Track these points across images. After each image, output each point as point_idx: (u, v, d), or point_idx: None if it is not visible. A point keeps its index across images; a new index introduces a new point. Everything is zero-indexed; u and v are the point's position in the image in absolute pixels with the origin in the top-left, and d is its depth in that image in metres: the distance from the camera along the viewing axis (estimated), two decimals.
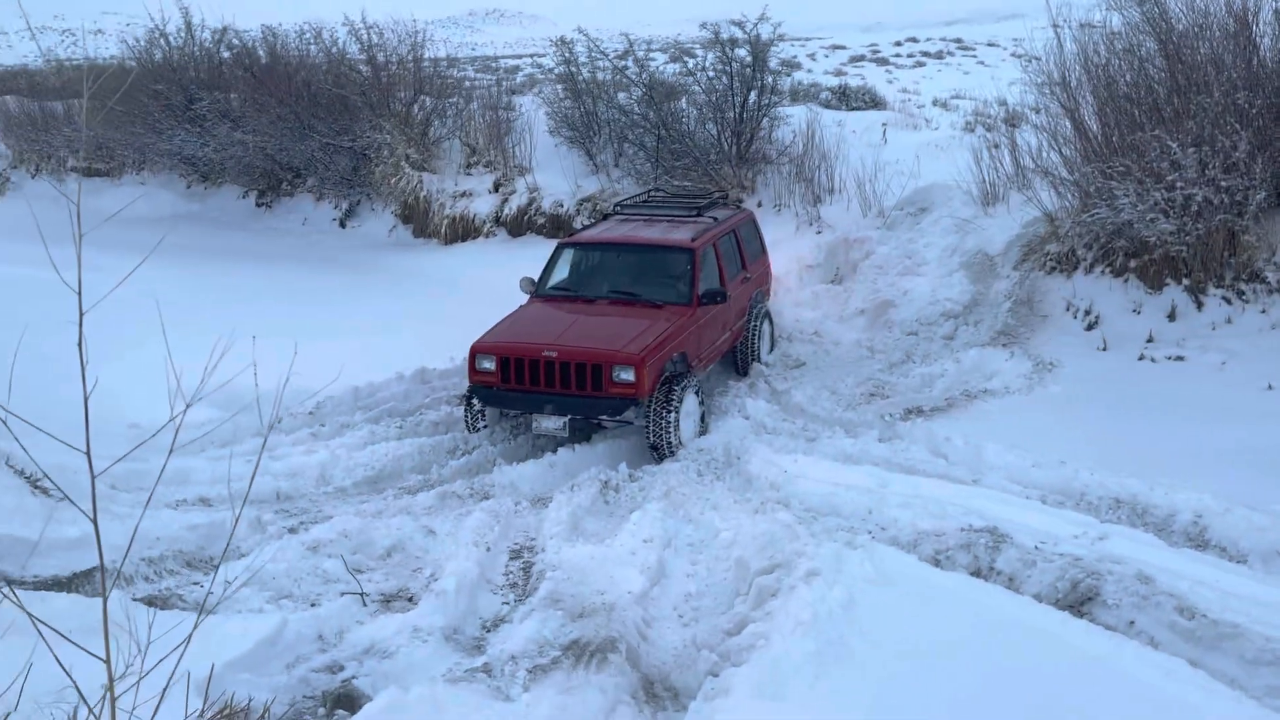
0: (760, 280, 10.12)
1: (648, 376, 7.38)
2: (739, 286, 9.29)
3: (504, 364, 7.60)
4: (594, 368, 7.39)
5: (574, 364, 7.42)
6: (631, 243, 8.98)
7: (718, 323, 8.75)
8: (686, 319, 8.14)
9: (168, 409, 7.78)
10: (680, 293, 8.41)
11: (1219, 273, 8.94)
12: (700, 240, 8.74)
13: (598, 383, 7.41)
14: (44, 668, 3.11)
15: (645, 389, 7.38)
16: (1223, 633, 4.58)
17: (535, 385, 7.54)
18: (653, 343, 7.59)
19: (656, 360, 7.54)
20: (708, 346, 8.59)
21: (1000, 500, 6.17)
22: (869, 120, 15.73)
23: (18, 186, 20.49)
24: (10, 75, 28.69)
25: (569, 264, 9.09)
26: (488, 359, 7.69)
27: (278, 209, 18.01)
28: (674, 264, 8.64)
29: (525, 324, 8.09)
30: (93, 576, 5.33)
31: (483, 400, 7.80)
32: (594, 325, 8.01)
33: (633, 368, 7.33)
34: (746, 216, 10.27)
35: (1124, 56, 9.83)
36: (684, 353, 7.99)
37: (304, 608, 5.28)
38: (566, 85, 16.34)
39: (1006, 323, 9.53)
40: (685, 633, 5.18)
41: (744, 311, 9.45)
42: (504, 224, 15.32)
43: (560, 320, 8.07)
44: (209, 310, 8.45)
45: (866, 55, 39.28)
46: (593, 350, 7.48)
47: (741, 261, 9.54)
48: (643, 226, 9.38)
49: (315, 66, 17.75)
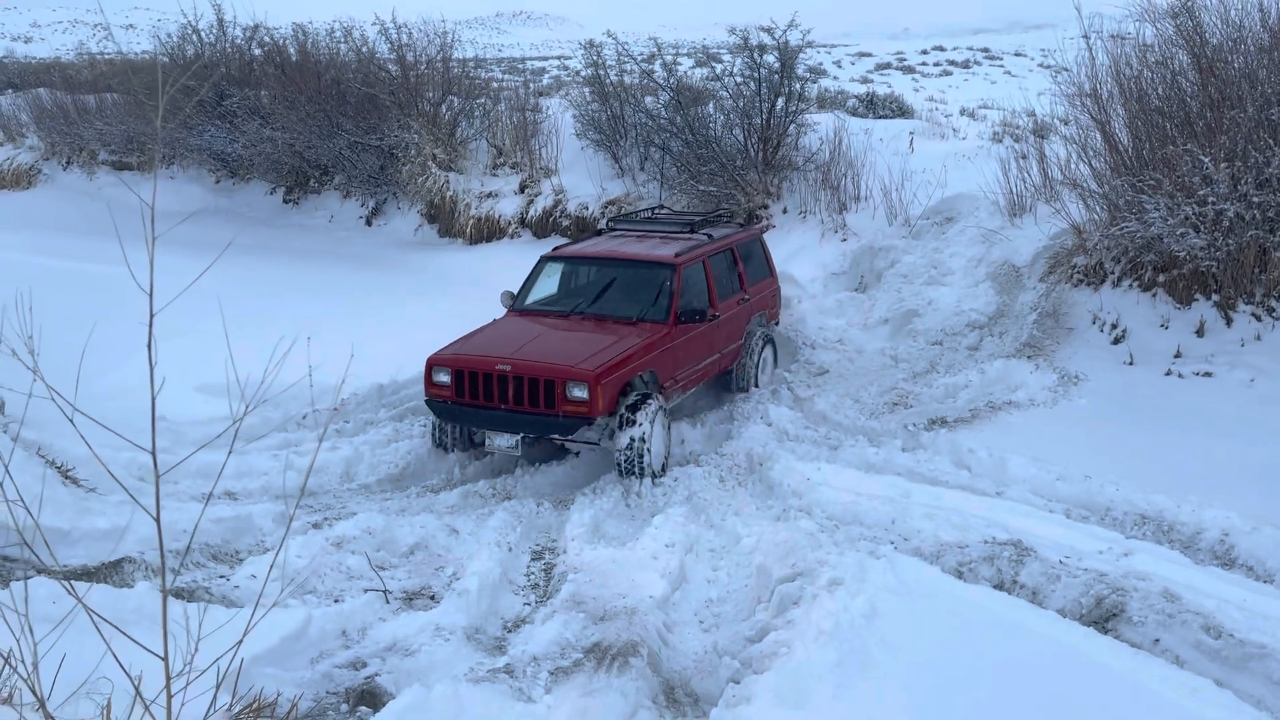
0: (763, 303, 9.70)
1: (602, 395, 7.00)
2: (734, 308, 8.94)
3: (459, 378, 7.28)
4: (547, 384, 7.04)
5: (527, 379, 7.09)
6: (612, 257, 8.64)
7: (701, 344, 8.38)
8: (660, 338, 7.78)
9: (194, 403, 7.86)
10: (657, 310, 8.03)
11: (1249, 289, 8.86)
12: (685, 256, 8.37)
13: (551, 400, 7.05)
14: (76, 656, 3.15)
15: (599, 408, 7.00)
16: (1249, 653, 4.54)
17: (489, 401, 7.21)
18: (612, 360, 7.22)
19: (615, 379, 7.17)
20: (686, 368, 8.18)
21: (1024, 513, 6.15)
22: (896, 129, 15.68)
23: (49, 178, 20.71)
24: (43, 68, 29.02)
25: (549, 278, 8.84)
26: (443, 372, 7.36)
27: (304, 206, 18.14)
28: (653, 280, 8.26)
29: (487, 337, 7.77)
30: (121, 567, 5.38)
31: (437, 415, 7.50)
32: (557, 341, 7.65)
33: (586, 385, 6.97)
34: (750, 235, 9.83)
35: (1156, 69, 9.75)
36: (653, 372, 7.65)
37: (327, 603, 5.31)
38: (594, 88, 16.38)
39: (1032, 335, 9.48)
40: (706, 638, 5.19)
41: (739, 334, 9.08)
42: (529, 225, 15.37)
43: (524, 335, 7.72)
44: (240, 304, 8.51)
45: (893, 63, 39.20)
46: (546, 366, 7.12)
47: (740, 282, 9.19)
48: (630, 242, 9.04)
49: (345, 65, 17.88)
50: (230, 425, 5.28)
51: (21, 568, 5.02)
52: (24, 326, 2.76)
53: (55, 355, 2.76)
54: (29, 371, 2.71)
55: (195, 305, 4.54)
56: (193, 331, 6.39)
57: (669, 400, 7.97)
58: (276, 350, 3.41)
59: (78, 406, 2.45)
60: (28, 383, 2.85)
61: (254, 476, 7.06)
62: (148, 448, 2.45)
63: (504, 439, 7.31)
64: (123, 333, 5.45)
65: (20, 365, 3.07)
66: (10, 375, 3.22)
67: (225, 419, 7.12)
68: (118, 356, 6.11)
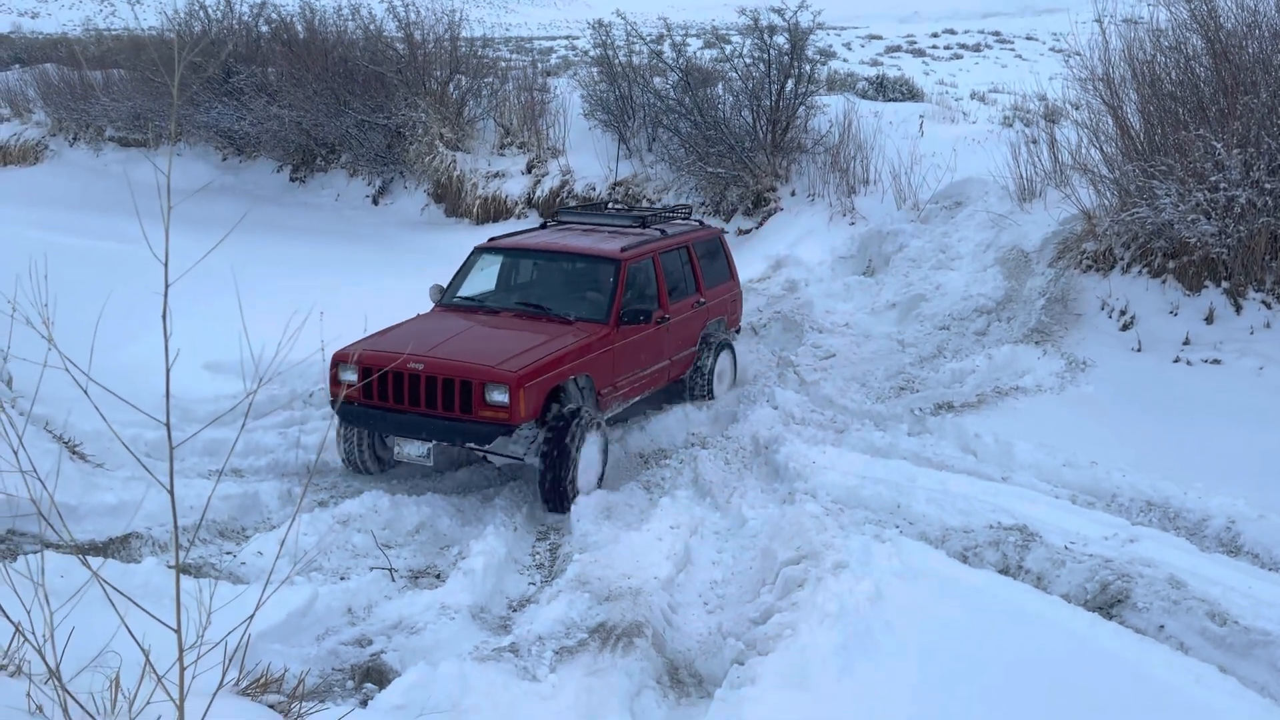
0: (721, 308, 8.96)
1: (525, 400, 6.28)
2: (688, 311, 8.28)
3: (367, 376, 6.49)
4: (463, 385, 6.31)
5: (441, 380, 6.34)
6: (551, 250, 7.95)
7: (648, 348, 7.69)
8: (598, 339, 7.07)
9: (202, 380, 7.87)
10: (597, 308, 7.33)
11: (1259, 276, 8.82)
12: (632, 252, 7.66)
13: (467, 404, 6.32)
14: (84, 630, 3.17)
15: (521, 414, 6.28)
16: (1254, 640, 4.54)
17: (399, 403, 6.48)
18: (539, 361, 6.52)
19: (541, 382, 6.46)
20: (628, 374, 7.48)
21: (1030, 499, 6.14)
22: (906, 112, 15.60)
23: (57, 154, 20.71)
24: (50, 44, 28.96)
25: (483, 271, 8.15)
26: (349, 369, 6.64)
27: (311, 184, 18.13)
28: (594, 276, 7.61)
29: (404, 332, 7.02)
30: (129, 542, 5.41)
31: (343, 418, 6.74)
32: (480, 338, 6.90)
33: (506, 388, 6.22)
34: (710, 234, 9.08)
35: (1170, 54, 9.68)
36: (589, 377, 6.99)
37: (333, 581, 5.33)
38: (602, 68, 16.31)
39: (1040, 320, 9.44)
40: (710, 620, 5.20)
41: (693, 340, 8.42)
42: (536, 206, 15.34)
43: (446, 331, 6.96)
44: (247, 282, 8.49)
45: (903, 46, 38.97)
46: (463, 365, 6.39)
47: (695, 283, 8.51)
48: (574, 235, 8.28)
49: (352, 43, 17.84)
50: (241, 400, 5.28)
51: (30, 542, 5.04)
52: (38, 296, 2.75)
53: (66, 330, 2.76)
54: (38, 346, 2.71)
55: (202, 284, 4.53)
56: (200, 310, 6.40)
57: (607, 409, 7.34)
58: (287, 327, 3.40)
59: (92, 376, 2.45)
60: (37, 356, 2.85)
61: (260, 454, 7.08)
62: (160, 420, 2.45)
63: (414, 447, 6.54)
64: (131, 310, 5.46)
65: (27, 338, 3.07)
66: (20, 348, 3.22)
67: (233, 396, 7.14)
68: (127, 334, 6.11)
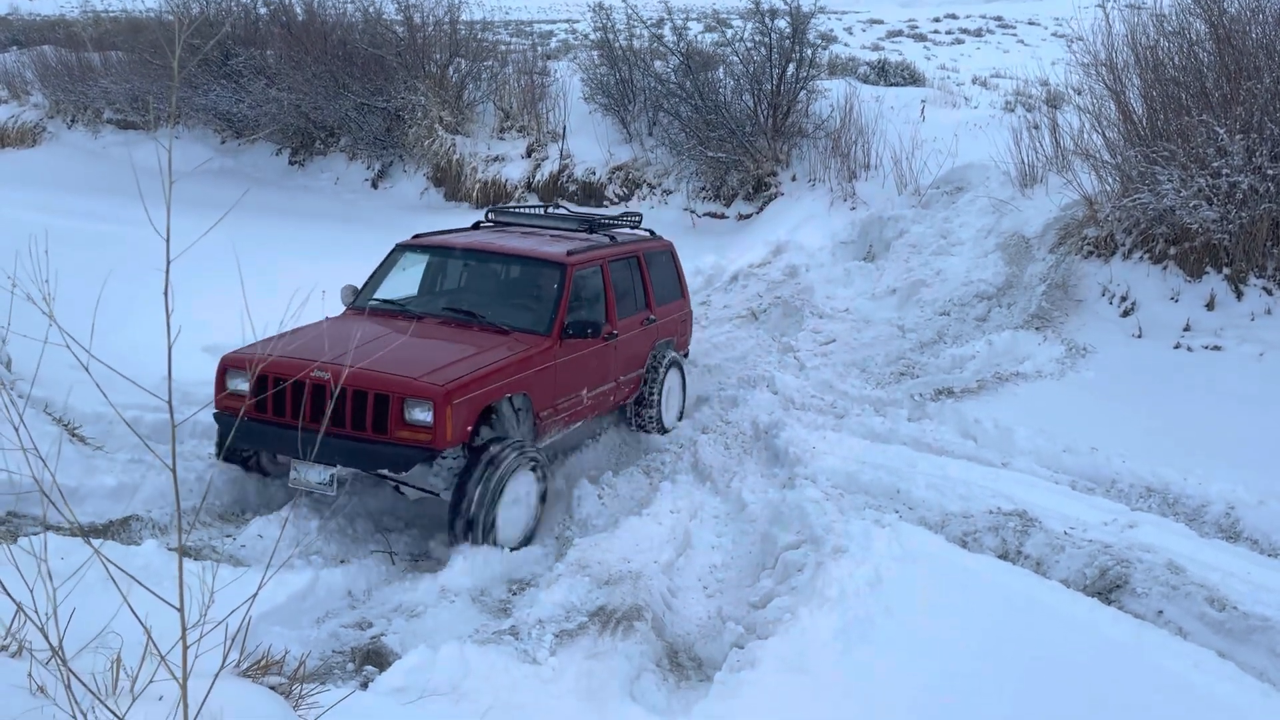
0: (671, 328, 8.11)
1: (453, 420, 5.36)
2: (636, 329, 7.46)
3: (262, 386, 5.53)
4: (378, 399, 5.38)
5: (351, 392, 5.38)
6: (487, 250, 7.08)
7: (593, 367, 6.83)
8: (539, 353, 6.19)
9: (201, 363, 7.85)
10: (538, 318, 6.46)
11: (1261, 263, 8.80)
12: (580, 257, 6.84)
13: (381, 422, 5.38)
14: (84, 611, 3.17)
15: (447, 436, 5.35)
16: (1253, 625, 4.55)
17: (298, 419, 5.43)
18: (470, 375, 5.59)
19: (471, 399, 5.53)
20: (571, 395, 6.61)
21: (1029, 484, 6.15)
22: (907, 97, 15.55)
23: (54, 136, 20.63)
24: (48, 25, 28.80)
25: (404, 272, 7.25)
26: (241, 377, 5.72)
27: (310, 167, 18.07)
28: (536, 281, 6.77)
29: (309, 337, 5.88)
30: (129, 525, 5.41)
31: (224, 434, 5.91)
32: (400, 347, 5.80)
33: (430, 404, 5.30)
34: (662, 246, 8.23)
35: (1173, 39, 9.64)
36: (527, 397, 6.11)
37: (333, 565, 5.34)
38: (602, 52, 16.25)
39: (1040, 306, 9.43)
40: (710, 604, 5.22)
41: (640, 361, 7.57)
42: (535, 190, 15.30)
43: (358, 337, 5.86)
44: (246, 265, 8.48)
45: (904, 31, 38.79)
46: (379, 376, 5.40)
47: (645, 299, 7.70)
48: (513, 236, 7.47)
49: (351, 25, 17.75)
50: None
51: (30, 524, 5.04)
52: (38, 274, 2.74)
53: (65, 311, 2.75)
54: (36, 326, 2.70)
55: (201, 267, 4.52)
56: (198, 293, 6.38)
57: (544, 435, 6.38)
58: (288, 308, 3.40)
59: (94, 354, 2.44)
60: (35, 336, 2.84)
61: None
62: (161, 398, 2.44)
63: (314, 472, 5.51)
64: (129, 294, 5.46)
65: (23, 321, 3.06)
66: (17, 329, 3.21)
67: None
68: (124, 317, 6.10)
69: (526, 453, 5.72)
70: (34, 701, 2.65)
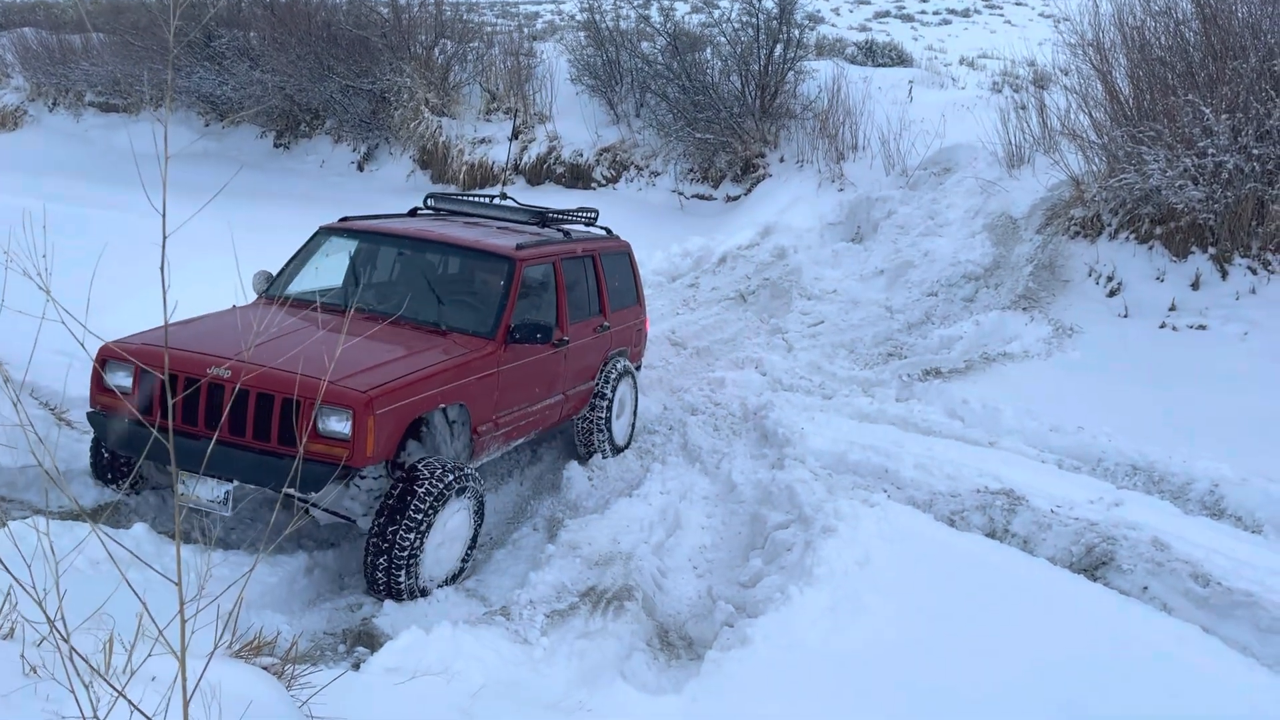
0: (625, 337, 7.37)
1: (375, 433, 4.56)
2: (589, 336, 6.74)
3: (146, 383, 4.76)
4: (286, 404, 4.56)
5: (255, 394, 4.59)
6: (425, 239, 6.22)
7: (539, 376, 6.06)
8: (480, 358, 5.40)
9: None
10: (480, 319, 5.71)
11: (1245, 242, 8.85)
12: (530, 252, 6.08)
13: (289, 432, 4.56)
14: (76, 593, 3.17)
15: (368, 452, 4.56)
16: (1236, 601, 4.61)
17: (191, 424, 4.67)
18: (398, 380, 4.79)
19: (398, 409, 4.72)
20: (514, 408, 5.82)
21: (1017, 463, 6.20)
22: (895, 77, 15.53)
23: (36, 120, 20.44)
24: (28, 7, 28.47)
25: (328, 259, 6.34)
26: (123, 371, 4.85)
27: (295, 150, 17.96)
28: (481, 276, 6.08)
29: (208, 328, 5.15)
30: (118, 509, 5.39)
31: (102, 437, 5.05)
32: (316, 343, 4.79)
33: (349, 413, 4.51)
34: (619, 247, 7.50)
35: (1159, 18, 9.65)
36: (464, 407, 5.32)
37: (325, 548, 5.34)
38: (589, 33, 16.17)
39: (1028, 286, 9.47)
40: (700, 584, 5.24)
41: (592, 372, 6.85)
42: (523, 172, 15.25)
43: (268, 330, 5.03)
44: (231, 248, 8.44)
45: (892, 11, 38.66)
46: (289, 377, 4.44)
47: (600, 303, 6.97)
48: (454, 226, 6.65)
49: (335, 6, 17.63)
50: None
51: (19, 508, 5.03)
52: (33, 250, 2.72)
53: (56, 292, 2.73)
54: (29, 303, 2.69)
55: (186, 251, 4.48)
56: (184, 276, 6.33)
57: (481, 453, 5.59)
58: None
59: (89, 329, 2.44)
60: (23, 321, 2.82)
61: None
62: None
63: (207, 488, 4.69)
64: (118, 277, 5.41)
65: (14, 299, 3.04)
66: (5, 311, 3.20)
67: None
68: (113, 299, 6.05)
69: (460, 476, 4.88)
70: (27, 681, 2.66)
